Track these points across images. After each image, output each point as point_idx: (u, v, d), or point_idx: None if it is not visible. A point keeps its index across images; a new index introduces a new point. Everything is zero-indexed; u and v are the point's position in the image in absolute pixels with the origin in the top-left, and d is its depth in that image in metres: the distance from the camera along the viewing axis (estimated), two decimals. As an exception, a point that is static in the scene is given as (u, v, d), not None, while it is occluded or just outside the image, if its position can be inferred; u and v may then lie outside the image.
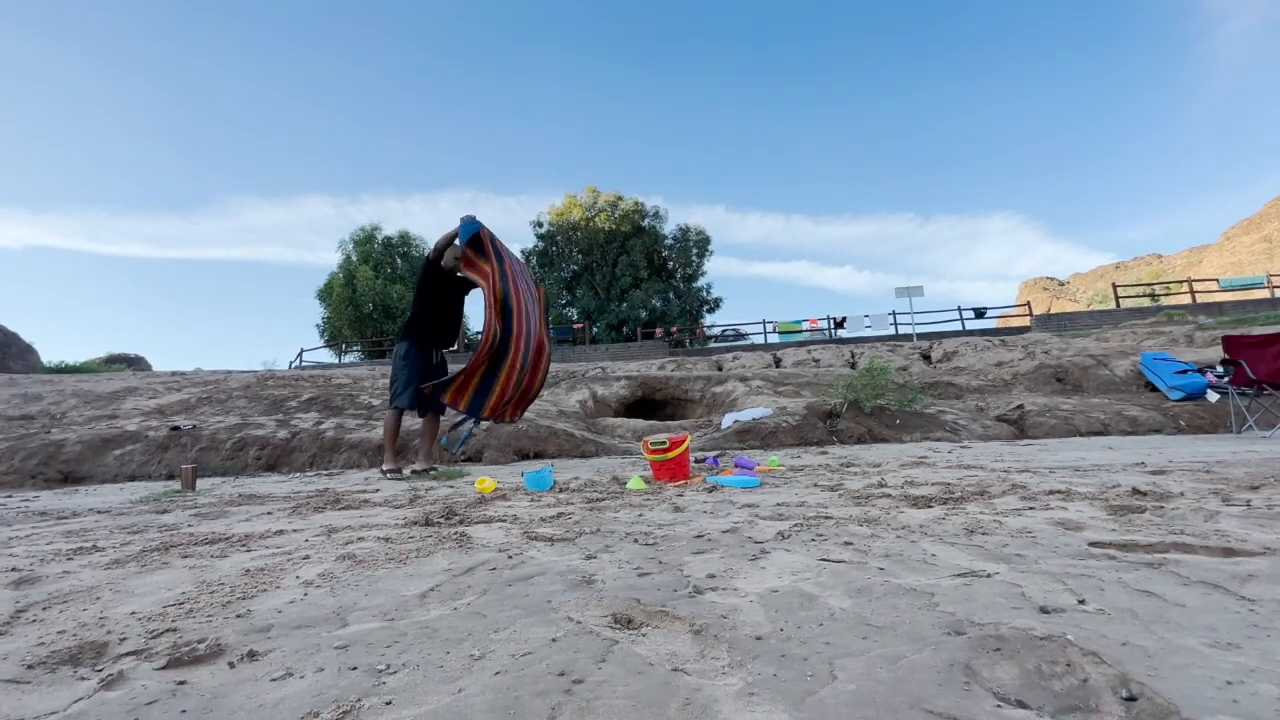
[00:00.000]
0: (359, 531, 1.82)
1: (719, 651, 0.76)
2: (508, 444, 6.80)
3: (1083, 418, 6.99)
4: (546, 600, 1.00)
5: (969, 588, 0.96)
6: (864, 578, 1.05)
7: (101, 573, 1.36)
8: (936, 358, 11.89)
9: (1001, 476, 2.61)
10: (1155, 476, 2.39)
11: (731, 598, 0.97)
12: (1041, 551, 1.19)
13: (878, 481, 2.65)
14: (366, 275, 27.08)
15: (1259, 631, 0.75)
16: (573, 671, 0.71)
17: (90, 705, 0.67)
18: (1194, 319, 13.39)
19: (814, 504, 2.03)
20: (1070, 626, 0.77)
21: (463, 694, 0.66)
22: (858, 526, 1.53)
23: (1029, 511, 1.67)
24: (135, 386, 9.72)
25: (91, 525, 2.34)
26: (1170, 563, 1.07)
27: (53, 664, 0.80)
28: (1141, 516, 1.51)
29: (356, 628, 0.90)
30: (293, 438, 7.24)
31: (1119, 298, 22.03)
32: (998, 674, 0.66)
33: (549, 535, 1.60)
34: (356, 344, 27.60)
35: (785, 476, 3.15)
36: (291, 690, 0.69)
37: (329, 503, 2.78)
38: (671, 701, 0.63)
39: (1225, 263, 41.38)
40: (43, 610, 1.07)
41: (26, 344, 20.21)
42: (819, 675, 0.67)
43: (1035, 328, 17.93)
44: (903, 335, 18.90)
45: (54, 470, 6.35)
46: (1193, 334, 11.06)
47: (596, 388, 8.93)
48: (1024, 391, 8.61)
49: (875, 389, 7.41)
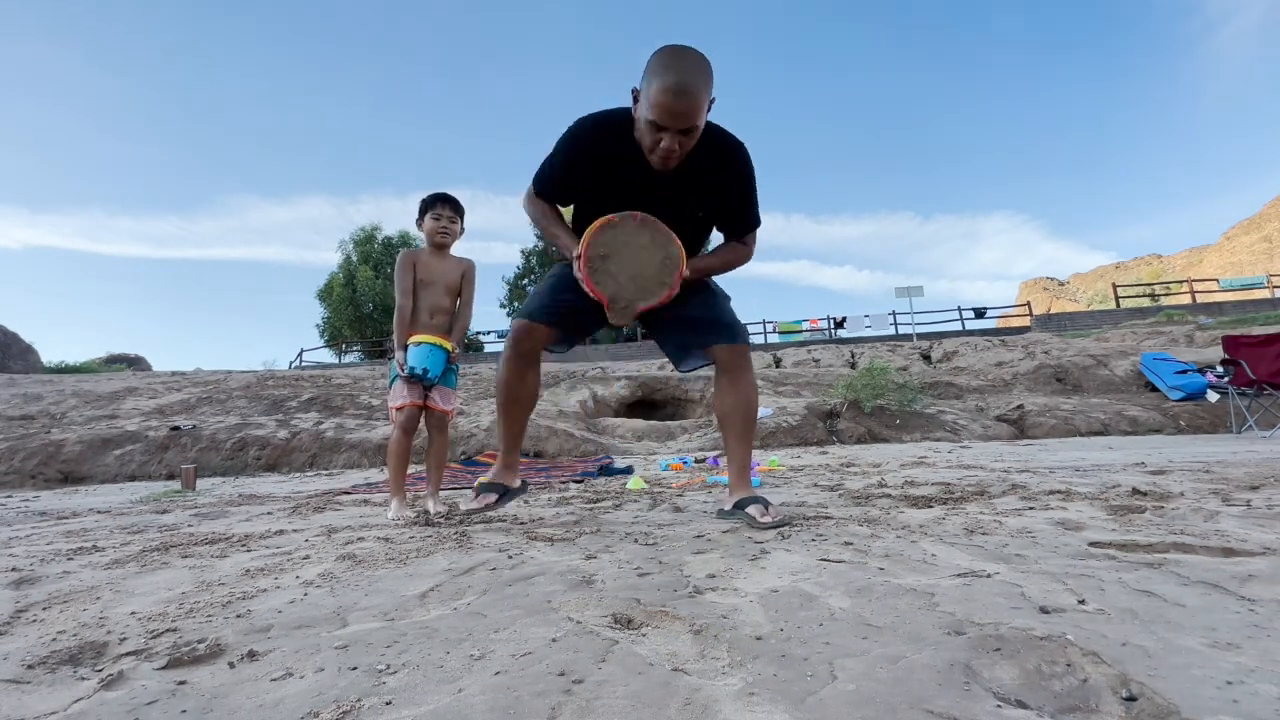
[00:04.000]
0: (359, 531, 1.83)
1: (719, 651, 0.76)
2: (508, 444, 6.80)
3: (1083, 418, 6.99)
4: (546, 600, 1.00)
5: (969, 588, 0.96)
6: (864, 578, 1.05)
7: (101, 573, 1.36)
8: (936, 358, 11.89)
9: (1001, 476, 2.61)
10: (1155, 476, 2.39)
11: (731, 598, 0.97)
12: (1041, 551, 1.19)
13: (878, 481, 2.65)
14: (366, 275, 27.11)
15: (1259, 631, 0.75)
16: (573, 671, 0.71)
17: (90, 705, 0.67)
18: (1194, 319, 13.40)
19: (814, 504, 2.03)
20: (1070, 626, 0.77)
21: (463, 694, 0.66)
22: (858, 526, 1.53)
23: (1029, 511, 1.67)
24: (135, 386, 9.72)
25: (91, 525, 2.34)
26: (1170, 563, 1.07)
27: (53, 664, 0.80)
28: (1141, 516, 1.51)
29: (356, 628, 0.90)
30: (293, 438, 7.24)
31: (1119, 298, 22.05)
32: (998, 674, 0.66)
33: (549, 535, 1.60)
34: (356, 344, 27.61)
35: (785, 476, 3.15)
36: (291, 690, 0.69)
37: (329, 503, 2.78)
38: (671, 701, 0.63)
39: (1225, 263, 41.42)
40: (43, 610, 1.07)
41: (27, 344, 20.23)
42: (819, 675, 0.67)
43: (1035, 328, 17.93)
44: (903, 335, 18.91)
45: (54, 470, 6.36)
46: (1193, 334, 11.07)
47: (596, 388, 8.94)
48: (1024, 391, 8.61)
49: (875, 389, 7.42)
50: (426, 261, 2.34)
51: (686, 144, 1.46)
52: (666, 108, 1.37)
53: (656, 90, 1.37)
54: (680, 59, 1.38)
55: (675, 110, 1.38)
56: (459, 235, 2.39)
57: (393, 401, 2.26)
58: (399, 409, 2.23)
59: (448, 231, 2.34)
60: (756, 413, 1.79)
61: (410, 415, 2.24)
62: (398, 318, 2.30)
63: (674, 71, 1.36)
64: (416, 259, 2.34)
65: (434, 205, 2.33)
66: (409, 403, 2.23)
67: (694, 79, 1.37)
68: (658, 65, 1.38)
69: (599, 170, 1.60)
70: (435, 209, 2.32)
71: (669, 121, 1.39)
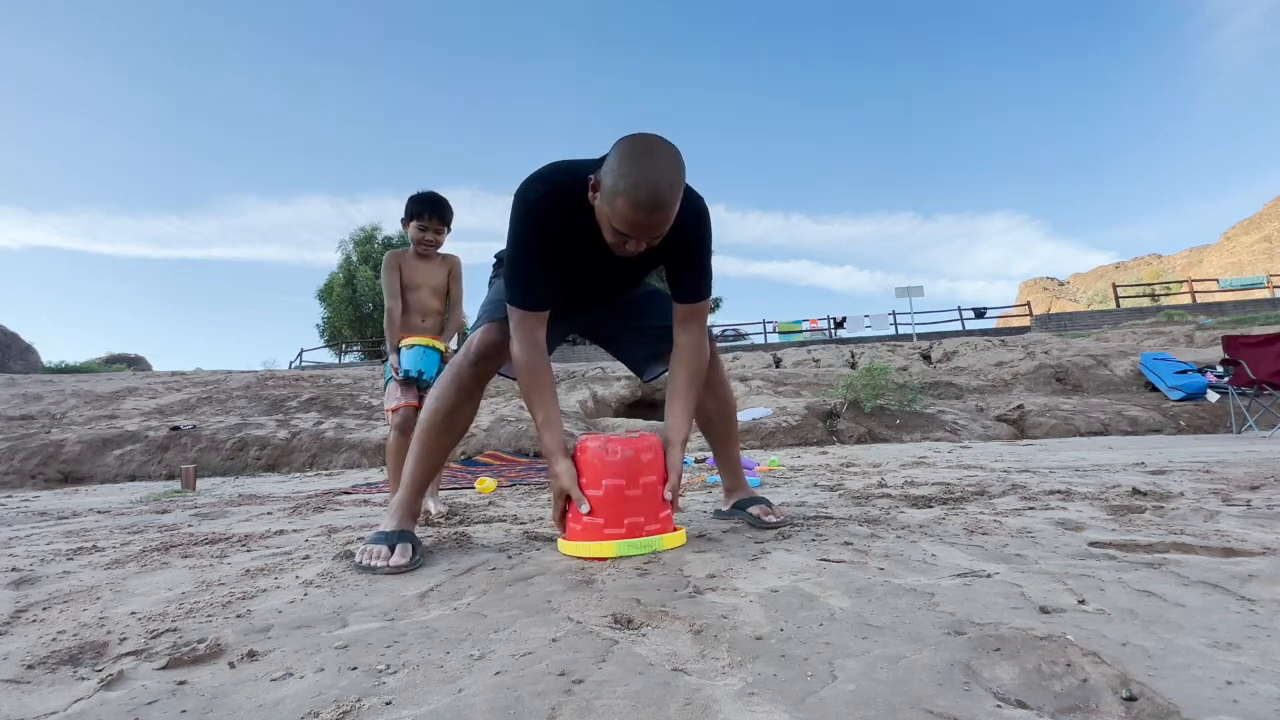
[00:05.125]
0: (359, 531, 1.83)
1: (719, 651, 0.76)
2: (508, 444, 6.80)
3: (1083, 418, 6.99)
4: (546, 600, 1.00)
5: (969, 588, 0.96)
6: (864, 578, 1.05)
7: (101, 573, 1.36)
8: (936, 358, 11.89)
9: (1001, 476, 2.61)
10: (1155, 476, 2.39)
11: (731, 598, 0.97)
12: (1041, 551, 1.19)
13: (878, 481, 2.65)
14: (366, 275, 27.08)
15: (1259, 631, 0.75)
16: (573, 671, 0.71)
17: (90, 705, 0.67)
18: (1194, 319, 13.40)
19: (814, 504, 2.03)
20: (1070, 626, 0.77)
21: (463, 694, 0.66)
22: (858, 526, 1.53)
23: (1029, 511, 1.67)
24: (135, 386, 9.72)
25: (91, 525, 2.34)
26: (1170, 563, 1.07)
27: (53, 664, 0.80)
28: (1141, 516, 1.51)
29: (356, 628, 0.90)
30: (293, 438, 7.25)
31: (1119, 298, 22.05)
32: (998, 674, 0.66)
33: (549, 535, 1.60)
34: (356, 344, 27.60)
35: (785, 476, 3.15)
36: (291, 690, 0.69)
37: (329, 503, 2.78)
38: (671, 701, 0.63)
39: (1225, 263, 41.41)
40: (43, 610, 1.07)
41: (27, 344, 20.24)
42: (819, 675, 0.67)
43: (1035, 328, 17.94)
44: (903, 335, 18.90)
45: (54, 470, 6.36)
46: (1193, 334, 11.07)
47: (596, 388, 8.94)
48: (1024, 391, 8.61)
49: (875, 389, 7.42)
50: (411, 264, 2.36)
51: (654, 244, 1.31)
52: (635, 222, 1.22)
53: (624, 202, 1.20)
54: (649, 164, 1.20)
55: (645, 224, 1.23)
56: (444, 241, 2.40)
57: (388, 403, 2.28)
58: (394, 410, 2.24)
59: (433, 244, 2.35)
60: (736, 411, 1.75)
61: (406, 416, 2.25)
62: (387, 321, 2.31)
63: (643, 183, 1.19)
64: (401, 261, 2.35)
65: (422, 214, 2.31)
66: (404, 404, 2.24)
67: (667, 189, 1.20)
68: (624, 168, 1.20)
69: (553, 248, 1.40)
70: (423, 219, 2.31)
71: (637, 234, 1.25)
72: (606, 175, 1.24)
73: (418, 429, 1.52)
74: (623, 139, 1.26)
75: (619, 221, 1.24)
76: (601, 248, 1.37)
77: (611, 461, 1.30)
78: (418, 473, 1.48)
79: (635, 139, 1.25)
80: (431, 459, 1.50)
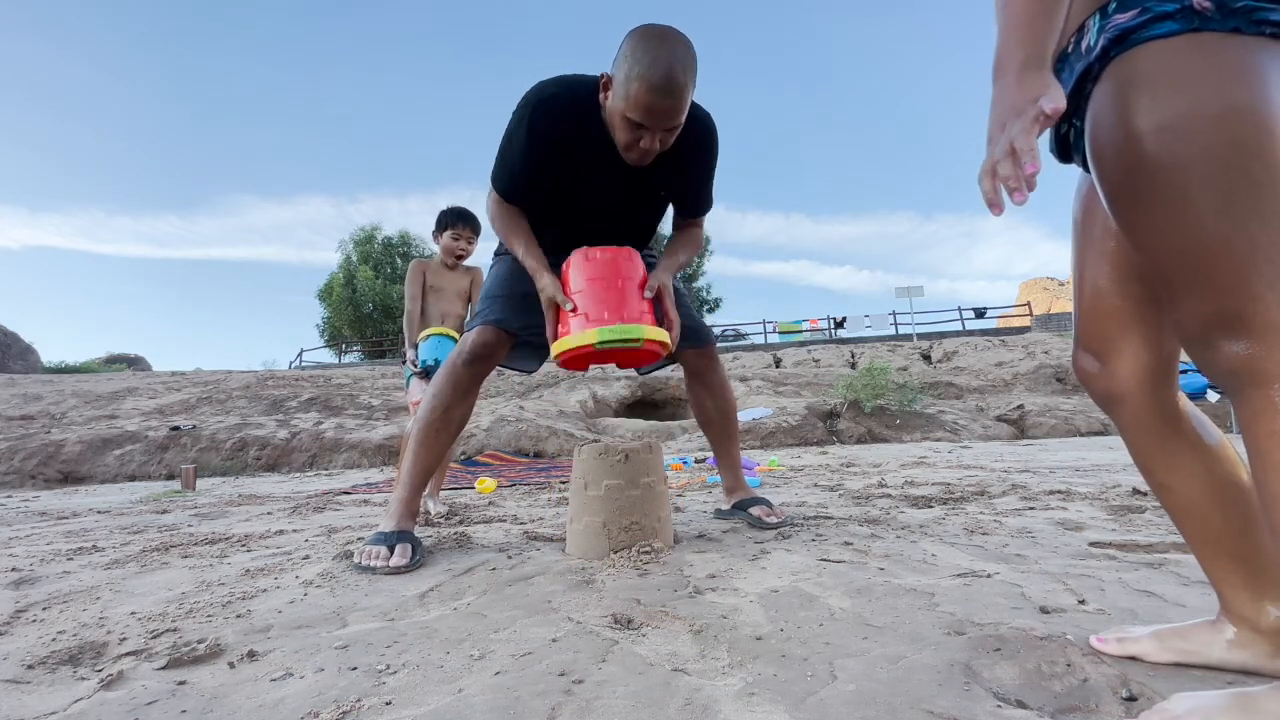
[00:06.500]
0: (359, 531, 1.83)
1: (719, 651, 0.76)
2: (508, 444, 6.80)
3: (1083, 418, 6.99)
4: (546, 600, 1.00)
5: (969, 588, 0.96)
6: (864, 578, 1.05)
7: (101, 573, 1.36)
8: (936, 358, 11.89)
9: (1001, 476, 2.62)
10: (1155, 476, 2.39)
11: (731, 598, 0.97)
12: (1041, 551, 1.20)
13: (878, 481, 2.66)
14: (366, 275, 27.09)
15: (1259, 631, 0.75)
16: (573, 671, 0.71)
17: (90, 705, 0.67)
18: (1194, 319, 13.36)
19: (814, 504, 2.03)
20: (1070, 626, 0.77)
21: (463, 694, 0.66)
22: (858, 526, 1.53)
23: (1029, 511, 1.67)
24: (135, 386, 9.72)
25: (91, 525, 2.34)
26: (1170, 563, 1.07)
27: (53, 664, 0.80)
28: (1141, 516, 1.51)
29: (356, 628, 0.90)
30: (293, 438, 7.25)
31: (1119, 298, 21.97)
32: (998, 674, 0.66)
33: (549, 535, 1.60)
34: (356, 344, 27.60)
35: (785, 476, 3.15)
36: (291, 690, 0.69)
37: (328, 503, 2.78)
38: (671, 701, 0.63)
39: (1225, 263, 41.32)
40: (43, 610, 1.07)
41: (26, 344, 20.25)
42: (819, 675, 0.67)
43: (1035, 328, 17.94)
44: (903, 335, 18.90)
45: (54, 470, 6.36)
46: (1193, 334, 11.04)
47: (596, 388, 8.94)
48: (1024, 391, 8.62)
49: (875, 389, 7.42)
50: (436, 271, 2.47)
51: (668, 140, 1.30)
52: (650, 107, 1.21)
53: (639, 86, 1.19)
54: (663, 47, 1.19)
55: (660, 109, 1.22)
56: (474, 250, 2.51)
57: (411, 398, 2.36)
58: (416, 404, 2.31)
59: (465, 252, 2.46)
60: (736, 409, 1.76)
61: None
62: (407, 321, 2.41)
63: (658, 64, 1.18)
64: (426, 268, 2.46)
65: (455, 224, 2.42)
66: None
67: (680, 72, 1.19)
68: (638, 54, 1.20)
69: (561, 156, 1.39)
70: (456, 228, 2.42)
71: (652, 121, 1.24)
72: (619, 66, 1.25)
73: (414, 427, 1.52)
74: (633, 29, 1.26)
75: (633, 109, 1.24)
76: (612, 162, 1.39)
77: (591, 262, 1.34)
78: (415, 470, 1.48)
79: (647, 27, 1.25)
80: (428, 457, 1.49)
